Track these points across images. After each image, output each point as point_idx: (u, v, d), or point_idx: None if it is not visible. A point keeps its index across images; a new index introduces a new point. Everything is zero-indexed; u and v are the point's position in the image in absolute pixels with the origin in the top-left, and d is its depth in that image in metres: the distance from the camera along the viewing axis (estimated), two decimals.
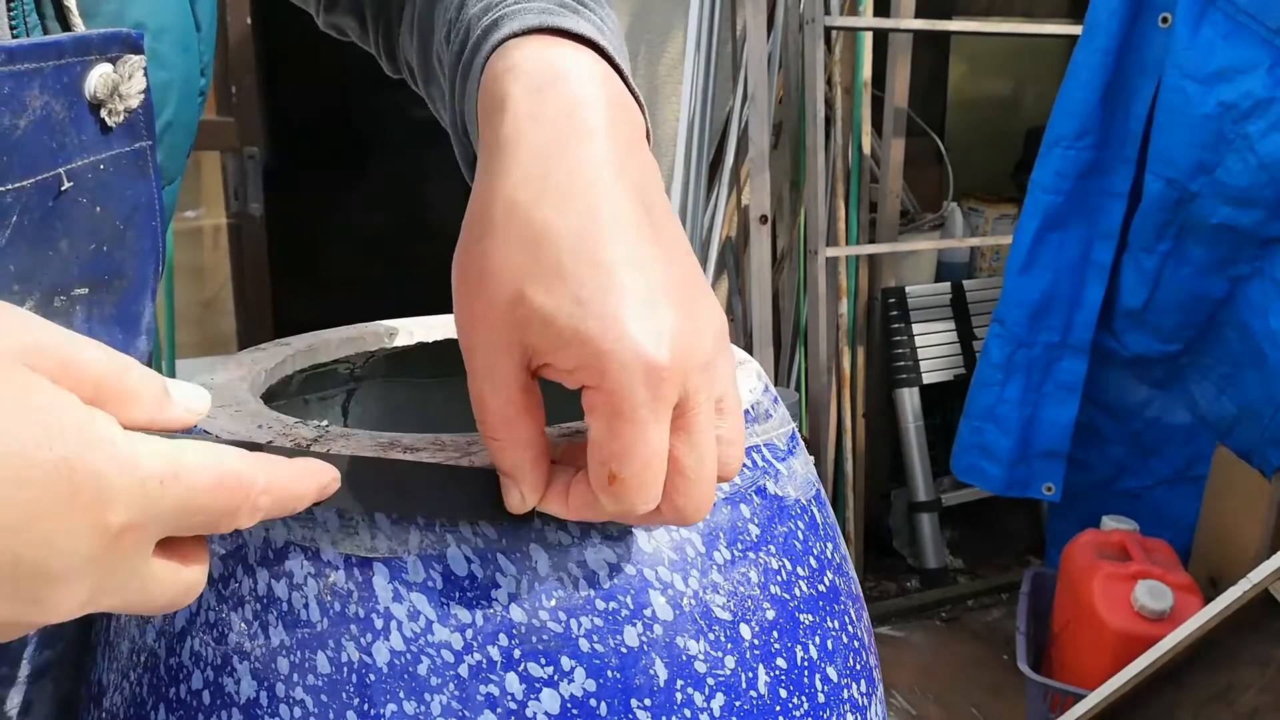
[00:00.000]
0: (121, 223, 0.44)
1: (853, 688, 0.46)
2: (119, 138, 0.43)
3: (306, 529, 0.39)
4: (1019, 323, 1.94)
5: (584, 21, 0.42)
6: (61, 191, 0.41)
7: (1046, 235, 1.90)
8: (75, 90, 0.41)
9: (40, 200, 0.40)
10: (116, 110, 0.42)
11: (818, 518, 0.48)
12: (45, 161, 0.40)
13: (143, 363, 0.44)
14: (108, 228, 0.44)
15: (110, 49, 0.41)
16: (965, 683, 2.07)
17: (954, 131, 3.29)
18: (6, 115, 0.38)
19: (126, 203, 0.44)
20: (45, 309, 0.42)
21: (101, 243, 0.44)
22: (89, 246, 0.43)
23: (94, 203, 0.43)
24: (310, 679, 0.38)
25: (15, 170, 0.39)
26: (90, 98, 0.41)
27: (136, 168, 0.44)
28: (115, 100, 0.42)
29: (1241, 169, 1.65)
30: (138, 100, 0.43)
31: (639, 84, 2.53)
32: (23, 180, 0.39)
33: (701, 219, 2.27)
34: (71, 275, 0.43)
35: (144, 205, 0.45)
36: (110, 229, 0.44)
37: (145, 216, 0.45)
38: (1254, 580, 1.19)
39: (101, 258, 0.44)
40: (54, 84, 0.40)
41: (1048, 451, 1.97)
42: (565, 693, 0.38)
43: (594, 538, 0.40)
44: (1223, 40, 1.66)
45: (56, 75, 0.40)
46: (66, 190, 0.41)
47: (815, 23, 2.11)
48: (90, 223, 0.43)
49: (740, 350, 0.54)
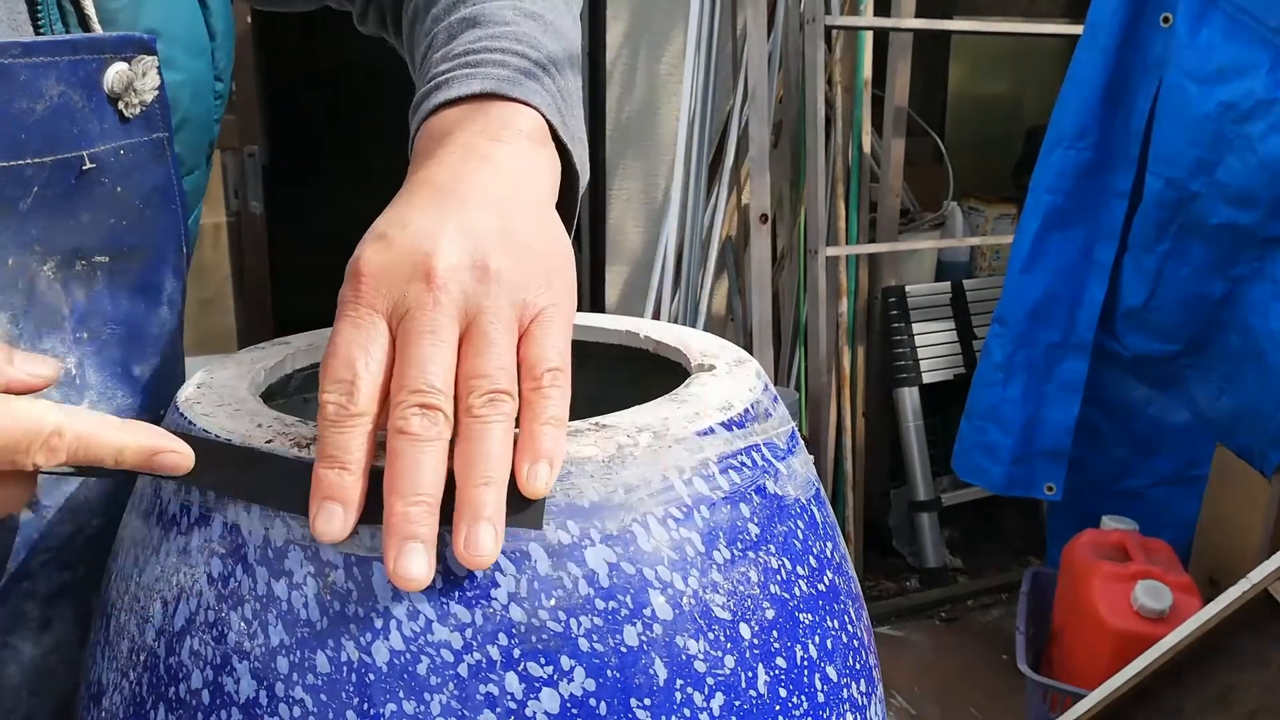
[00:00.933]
0: (141, 202, 0.51)
1: (852, 687, 0.46)
2: (137, 128, 0.50)
3: (306, 528, 0.39)
4: (1020, 322, 1.94)
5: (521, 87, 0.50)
6: (84, 171, 0.48)
7: (1048, 235, 1.90)
8: (94, 84, 0.47)
9: (62, 176, 0.47)
10: (132, 103, 0.49)
11: (817, 517, 0.48)
12: (66, 143, 0.47)
13: (167, 334, 0.54)
14: (127, 206, 0.50)
15: (124, 50, 0.48)
16: (965, 682, 2.07)
17: (954, 131, 3.29)
18: (25, 99, 0.45)
19: (145, 185, 0.51)
20: (66, 270, 0.49)
21: (121, 218, 0.50)
22: (109, 220, 0.50)
23: (114, 183, 0.49)
24: (310, 678, 0.38)
25: (34, 146, 0.46)
26: (109, 91, 0.48)
27: (154, 155, 0.51)
28: (131, 94, 0.49)
29: (1242, 169, 1.65)
30: (152, 95, 0.50)
31: (639, 83, 2.50)
32: (42, 156, 0.46)
33: (701, 218, 2.27)
34: (92, 244, 0.49)
35: (162, 189, 0.52)
36: (129, 207, 0.50)
37: (164, 199, 0.52)
38: (1254, 580, 1.19)
39: (121, 231, 0.50)
40: (70, 76, 0.46)
41: (1049, 451, 1.97)
42: (565, 692, 0.38)
43: (594, 537, 0.40)
44: (1223, 40, 1.66)
45: (72, 69, 0.46)
46: (89, 170, 0.48)
47: (815, 22, 2.10)
48: (111, 200, 0.49)
49: (740, 349, 0.54)
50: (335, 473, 0.38)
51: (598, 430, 0.43)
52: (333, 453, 0.38)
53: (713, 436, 0.44)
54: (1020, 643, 1.75)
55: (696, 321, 2.29)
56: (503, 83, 0.49)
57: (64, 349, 0.50)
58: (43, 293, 0.48)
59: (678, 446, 0.42)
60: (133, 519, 0.46)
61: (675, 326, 0.59)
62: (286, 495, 0.40)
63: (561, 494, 0.40)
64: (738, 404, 0.46)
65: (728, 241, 2.34)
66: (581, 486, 0.40)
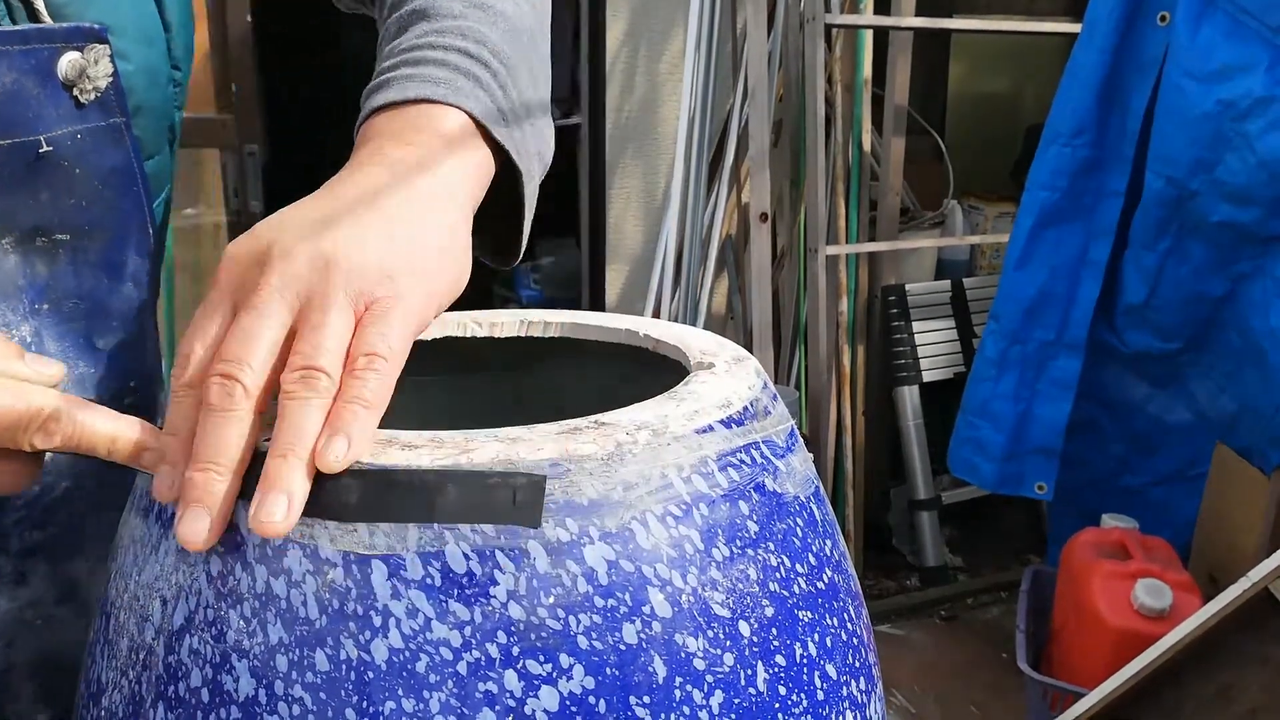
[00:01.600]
0: (100, 183, 0.53)
1: (852, 685, 0.46)
2: (93, 113, 0.52)
3: (305, 526, 0.39)
4: (1014, 319, 1.94)
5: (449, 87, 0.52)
6: (41, 154, 0.50)
7: (1043, 232, 1.90)
8: (48, 72, 0.50)
9: (19, 157, 0.50)
10: (87, 90, 0.52)
11: (817, 515, 0.48)
12: (22, 126, 0.50)
13: (133, 310, 0.57)
14: (86, 186, 0.53)
15: (75, 39, 0.51)
16: (964, 681, 2.07)
17: (954, 129, 3.29)
18: None
19: (104, 167, 0.53)
20: (27, 246, 0.52)
21: (80, 198, 0.53)
22: (68, 200, 0.52)
23: (73, 165, 0.52)
24: (309, 676, 0.38)
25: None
26: (63, 79, 0.51)
27: (112, 139, 0.53)
28: (85, 81, 0.51)
29: (1241, 167, 1.65)
30: (106, 82, 0.52)
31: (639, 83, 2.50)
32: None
33: (702, 217, 2.27)
34: (52, 222, 0.52)
35: (121, 170, 0.54)
36: (88, 187, 0.53)
37: (123, 180, 0.54)
38: (1254, 579, 1.19)
39: (81, 210, 0.53)
40: (22, 64, 0.49)
41: (1040, 448, 1.96)
42: (564, 690, 0.38)
43: (592, 534, 0.40)
44: (1223, 39, 1.66)
45: (24, 58, 0.49)
46: (46, 153, 0.51)
47: (816, 21, 2.10)
48: (69, 180, 0.52)
49: (739, 347, 0.54)
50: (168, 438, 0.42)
51: (596, 428, 0.43)
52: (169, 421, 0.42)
53: (712, 434, 0.44)
54: (1020, 641, 1.75)
55: (696, 320, 2.29)
56: (434, 85, 0.51)
57: (16, 318, 0.53)
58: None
59: (677, 444, 0.42)
60: (132, 517, 0.46)
61: (675, 325, 0.59)
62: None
63: (560, 491, 0.40)
64: (737, 402, 0.46)
65: (728, 240, 2.34)
66: (580, 484, 0.40)
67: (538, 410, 0.55)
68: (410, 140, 0.49)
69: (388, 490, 0.39)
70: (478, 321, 0.60)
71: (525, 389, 0.64)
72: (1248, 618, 1.20)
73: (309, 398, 0.40)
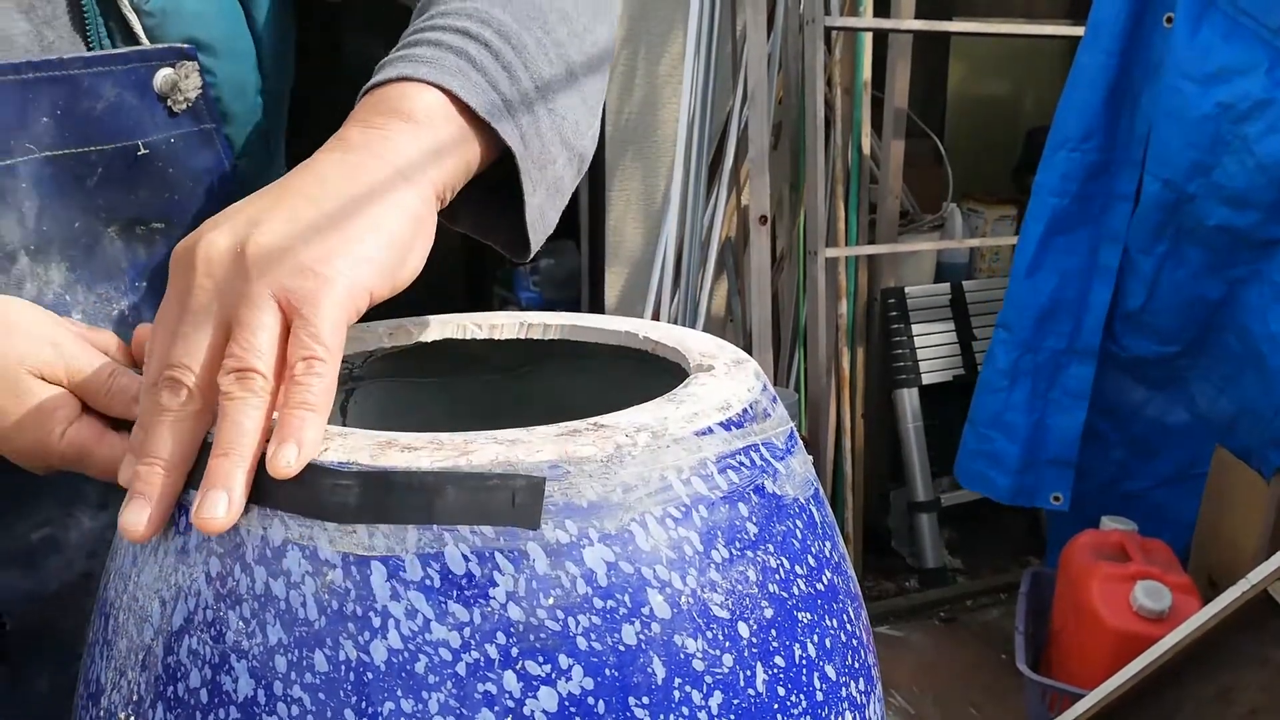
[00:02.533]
0: (191, 181, 0.62)
1: (851, 686, 0.46)
2: (185, 120, 0.60)
3: (304, 527, 0.39)
4: (1025, 328, 1.91)
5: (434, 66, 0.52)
6: (139, 156, 0.59)
7: (1053, 239, 1.88)
8: (145, 86, 0.59)
9: (121, 159, 0.59)
10: (178, 101, 0.60)
11: (816, 517, 0.48)
12: (124, 133, 0.59)
13: None
14: (179, 183, 0.61)
15: (168, 58, 0.59)
16: (964, 682, 2.07)
17: (954, 132, 3.29)
18: (87, 100, 0.57)
19: (196, 167, 0.62)
20: (129, 234, 0.61)
21: (173, 192, 0.61)
22: (164, 195, 0.61)
23: (167, 165, 0.61)
24: (308, 677, 0.39)
25: (97, 137, 0.58)
26: (158, 91, 0.59)
27: (202, 143, 0.61)
28: (177, 94, 0.60)
29: (1239, 170, 1.65)
30: (195, 94, 0.60)
31: (639, 84, 2.50)
32: (103, 145, 0.58)
33: (701, 219, 2.27)
34: (150, 213, 0.61)
35: (212, 170, 0.62)
36: (181, 184, 0.61)
37: (213, 178, 0.62)
38: (1253, 581, 1.19)
39: (174, 203, 0.61)
40: (123, 81, 0.58)
41: (1055, 459, 1.94)
42: (563, 691, 0.38)
43: (592, 536, 0.40)
44: (1222, 41, 1.65)
45: (125, 75, 0.58)
46: (144, 155, 0.59)
47: (815, 23, 2.10)
48: (164, 178, 0.61)
49: (739, 350, 0.54)
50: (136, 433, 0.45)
51: (596, 430, 0.43)
52: (138, 418, 0.45)
53: (711, 436, 0.44)
54: (1019, 643, 1.75)
55: (696, 322, 2.29)
56: (417, 64, 0.51)
57: (117, 294, 0.61)
58: (105, 249, 0.60)
59: (676, 446, 0.42)
60: None
61: (674, 327, 0.59)
62: (282, 492, 0.40)
63: (560, 493, 0.40)
64: (736, 404, 0.46)
65: (727, 242, 2.33)
66: (580, 486, 0.40)
67: (537, 412, 0.55)
68: (373, 123, 0.49)
69: (387, 492, 0.39)
70: (477, 324, 0.60)
71: (524, 391, 0.64)
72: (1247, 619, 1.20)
73: (245, 397, 0.41)
